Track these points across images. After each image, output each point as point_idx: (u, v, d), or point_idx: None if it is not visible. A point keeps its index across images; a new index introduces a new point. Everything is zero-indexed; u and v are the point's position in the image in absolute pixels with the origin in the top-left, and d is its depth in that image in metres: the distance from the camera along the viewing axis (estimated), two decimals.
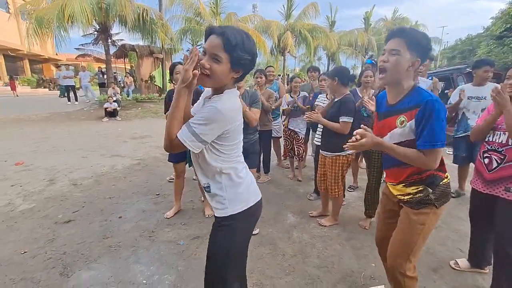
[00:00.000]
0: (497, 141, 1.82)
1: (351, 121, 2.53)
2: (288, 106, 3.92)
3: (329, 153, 2.70)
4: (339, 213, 2.86)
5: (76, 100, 11.88)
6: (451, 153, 6.02)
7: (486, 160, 1.87)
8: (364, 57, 25.93)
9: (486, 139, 1.90)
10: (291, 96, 3.96)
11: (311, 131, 4.09)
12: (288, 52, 19.72)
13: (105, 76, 14.62)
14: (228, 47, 1.04)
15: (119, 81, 16.32)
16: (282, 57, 20.97)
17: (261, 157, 3.96)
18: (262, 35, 17.39)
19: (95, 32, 11.50)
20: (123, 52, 14.65)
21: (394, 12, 30.74)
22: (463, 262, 2.17)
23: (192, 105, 1.29)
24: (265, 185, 3.86)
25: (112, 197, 3.37)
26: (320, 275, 2.08)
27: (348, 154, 2.67)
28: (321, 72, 4.53)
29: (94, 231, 2.61)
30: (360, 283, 2.00)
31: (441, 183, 1.38)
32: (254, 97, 2.59)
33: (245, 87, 2.86)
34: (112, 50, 13.15)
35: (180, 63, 2.73)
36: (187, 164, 2.97)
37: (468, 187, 3.57)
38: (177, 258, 2.22)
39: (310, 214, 3.01)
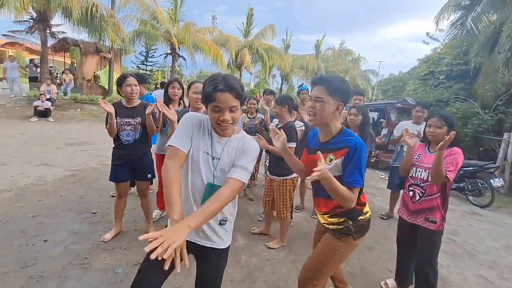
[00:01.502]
0: (419, 177, 2.13)
1: (294, 146, 2.75)
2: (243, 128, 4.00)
3: (277, 177, 2.84)
4: (286, 234, 2.97)
5: None
6: (383, 177, 6.79)
7: (411, 193, 2.17)
8: None
9: (411, 175, 2.21)
10: (248, 117, 4.04)
11: (264, 152, 4.19)
12: (245, 68, 20.19)
13: (38, 70, 12.94)
14: None
15: (56, 77, 14.57)
16: (239, 72, 21.39)
17: None
18: (220, 48, 17.51)
19: (31, 20, 10.19)
20: (64, 46, 13.19)
21: (341, 43, 34.20)
22: (391, 282, 2.42)
23: None
24: None
25: (37, 216, 2.93)
26: None
27: (294, 177, 2.83)
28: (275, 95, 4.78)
29: (11, 258, 2.23)
30: None
31: (360, 218, 1.56)
32: None
33: None
34: (51, 42, 11.77)
35: (132, 75, 2.59)
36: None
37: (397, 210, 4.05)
38: None
39: (252, 230, 3.07)
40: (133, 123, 2.50)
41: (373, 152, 3.37)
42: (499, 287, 2.63)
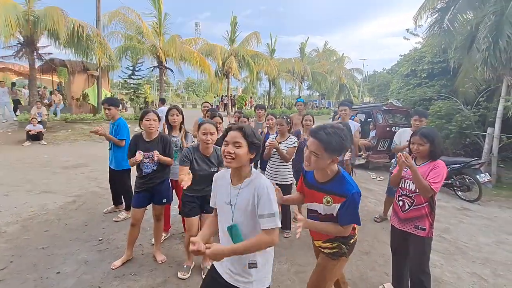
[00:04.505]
0: (407, 188, 2.31)
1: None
2: None
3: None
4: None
5: None
6: (374, 177, 7.01)
7: (401, 203, 2.35)
8: (301, 83, 28.50)
9: (400, 185, 2.39)
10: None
11: (259, 169, 4.21)
12: (233, 75, 20.40)
13: (22, 91, 12.82)
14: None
15: (44, 96, 14.42)
16: (227, 79, 21.59)
17: None
18: (206, 58, 17.65)
19: (19, 45, 10.15)
20: (51, 66, 13.12)
21: (325, 44, 34.81)
22: (389, 286, 2.60)
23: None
24: None
25: (46, 247, 3.01)
26: None
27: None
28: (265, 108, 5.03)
29: None
30: None
31: (351, 241, 1.76)
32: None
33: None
34: (38, 63, 11.72)
35: (153, 111, 2.77)
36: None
37: (390, 212, 4.24)
38: None
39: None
40: (151, 155, 2.66)
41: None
42: (494, 285, 2.75)
